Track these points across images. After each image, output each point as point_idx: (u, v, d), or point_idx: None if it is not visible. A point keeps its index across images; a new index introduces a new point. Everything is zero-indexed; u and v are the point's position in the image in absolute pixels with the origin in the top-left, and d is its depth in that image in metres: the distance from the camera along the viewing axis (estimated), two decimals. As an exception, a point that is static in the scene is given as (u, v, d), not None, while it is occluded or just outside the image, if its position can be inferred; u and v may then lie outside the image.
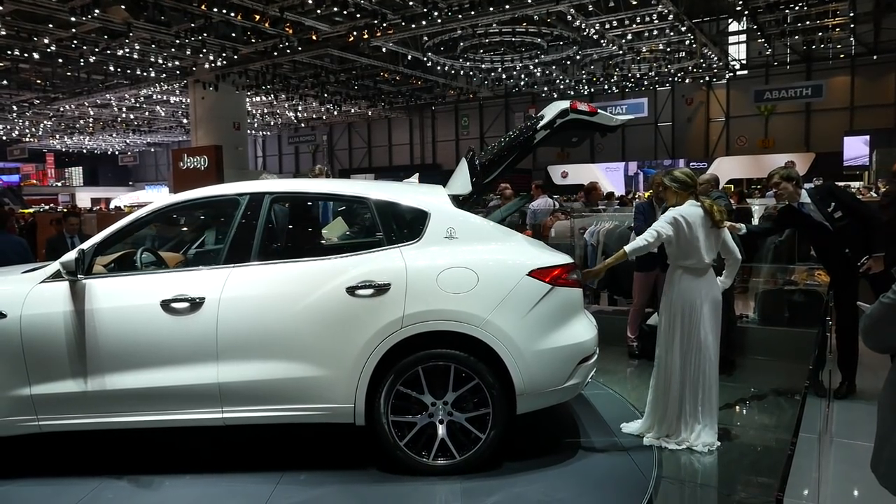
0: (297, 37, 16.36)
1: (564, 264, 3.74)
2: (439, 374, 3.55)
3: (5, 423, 3.53)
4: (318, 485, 3.57)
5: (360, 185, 4.25)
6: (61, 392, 3.52)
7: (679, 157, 27.28)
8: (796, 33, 19.16)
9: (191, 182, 13.98)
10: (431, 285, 3.51)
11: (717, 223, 3.90)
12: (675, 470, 3.77)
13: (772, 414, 4.80)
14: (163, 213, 3.99)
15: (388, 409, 3.54)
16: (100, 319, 3.53)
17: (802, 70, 24.55)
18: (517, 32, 16.99)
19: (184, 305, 3.52)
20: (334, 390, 3.51)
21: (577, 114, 4.07)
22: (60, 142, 35.59)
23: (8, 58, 17.35)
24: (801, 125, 25.50)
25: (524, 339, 3.53)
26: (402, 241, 3.67)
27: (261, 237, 3.71)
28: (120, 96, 23.22)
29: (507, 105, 30.88)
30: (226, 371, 3.51)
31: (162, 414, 3.56)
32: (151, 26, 14.74)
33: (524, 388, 3.53)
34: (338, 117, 31.77)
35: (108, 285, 3.64)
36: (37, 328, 3.51)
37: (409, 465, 3.56)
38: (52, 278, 3.62)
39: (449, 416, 3.56)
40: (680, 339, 3.96)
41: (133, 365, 3.52)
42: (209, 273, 3.63)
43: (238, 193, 3.87)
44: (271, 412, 3.57)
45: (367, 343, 3.47)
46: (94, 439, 4.02)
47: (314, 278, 3.56)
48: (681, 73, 22.70)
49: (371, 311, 3.48)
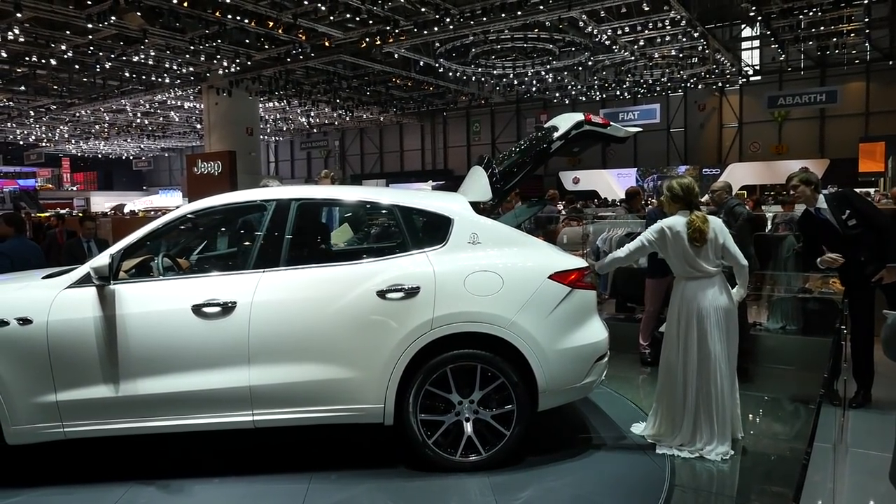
0: (310, 43, 16.47)
1: (581, 267, 3.89)
2: (465, 373, 3.66)
3: (29, 430, 3.50)
4: (351, 484, 3.63)
5: (386, 191, 4.32)
6: (89, 398, 3.50)
7: (692, 163, 27.15)
8: (810, 39, 19.02)
9: (205, 187, 14.08)
10: (459, 288, 3.64)
11: (693, 240, 3.89)
12: (688, 478, 3.74)
13: (785, 423, 4.76)
14: (189, 218, 3.99)
15: (417, 408, 3.64)
16: (130, 324, 3.53)
17: (816, 76, 24.37)
18: (529, 38, 17.00)
19: (215, 310, 3.55)
20: (365, 391, 3.60)
21: (591, 125, 4.20)
22: (76, 146, 35.98)
23: (26, 64, 17.58)
24: (815, 131, 25.31)
25: (546, 339, 3.67)
26: (428, 245, 3.79)
27: (289, 242, 3.77)
28: (135, 102, 23.44)
29: (518, 111, 30.88)
30: (257, 374, 3.55)
31: (192, 418, 3.58)
32: (166, 33, 14.89)
33: (546, 385, 3.67)
34: (350, 123, 31.90)
35: (137, 290, 3.63)
36: (64, 334, 3.50)
37: (437, 462, 3.67)
38: (79, 284, 3.60)
39: (475, 414, 3.69)
40: (689, 348, 3.95)
41: (164, 369, 3.53)
42: (239, 278, 3.67)
43: (265, 199, 3.93)
44: (302, 414, 3.63)
45: (398, 345, 3.57)
46: (113, 445, 4.00)
47: (344, 282, 3.65)
48: (693, 78, 22.60)
49: (401, 314, 3.59)
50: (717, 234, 3.97)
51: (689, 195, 4.02)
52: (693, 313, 3.93)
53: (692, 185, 4.08)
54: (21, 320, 3.48)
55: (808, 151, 24.92)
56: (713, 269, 3.97)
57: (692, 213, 3.97)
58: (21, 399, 3.46)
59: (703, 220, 3.94)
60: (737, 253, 4.04)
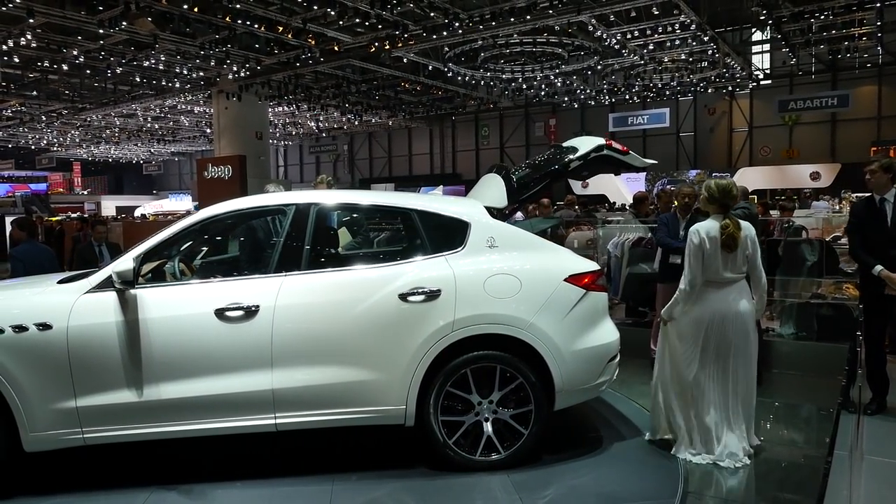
0: (319, 48, 16.52)
1: (595, 270, 4.01)
2: (484, 374, 3.73)
3: (48, 436, 3.46)
4: (375, 485, 3.65)
5: (404, 196, 4.41)
6: (110, 403, 3.48)
7: (701, 167, 27.02)
8: (821, 42, 18.90)
9: (215, 191, 14.14)
10: (479, 291, 3.72)
11: (725, 246, 3.83)
12: (701, 485, 3.70)
13: (799, 430, 4.70)
14: (209, 223, 3.97)
15: (438, 409, 3.70)
16: (153, 329, 3.52)
17: (828, 79, 24.23)
18: (538, 43, 16.97)
19: (238, 314, 3.56)
20: (387, 393, 3.64)
21: (611, 151, 4.31)
22: (87, 151, 36.25)
23: (38, 69, 17.72)
24: (826, 135, 25.14)
25: (563, 340, 3.76)
26: (447, 249, 3.86)
27: (310, 246, 3.81)
28: (145, 106, 23.59)
29: (527, 115, 30.86)
30: (280, 377, 3.57)
31: (214, 422, 3.58)
32: (177, 38, 14.98)
33: (563, 385, 3.76)
34: (359, 127, 31.97)
35: (158, 294, 3.62)
36: (85, 339, 3.47)
37: (458, 462, 3.73)
38: (99, 288, 3.57)
39: (494, 414, 3.76)
40: (708, 353, 3.92)
41: (186, 374, 3.52)
42: (261, 281, 3.68)
43: (285, 204, 3.95)
44: (324, 416, 3.65)
45: (420, 346, 3.63)
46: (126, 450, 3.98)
47: (366, 286, 3.70)
48: (703, 82, 22.51)
49: (423, 316, 3.65)
50: (749, 242, 3.92)
51: (725, 197, 3.94)
52: (716, 319, 3.88)
53: (730, 186, 3.96)
54: (40, 325, 3.44)
55: (820, 156, 24.76)
56: (739, 277, 3.93)
57: (727, 218, 3.90)
58: (40, 405, 3.41)
59: (736, 226, 3.87)
60: (761, 267, 4.01)
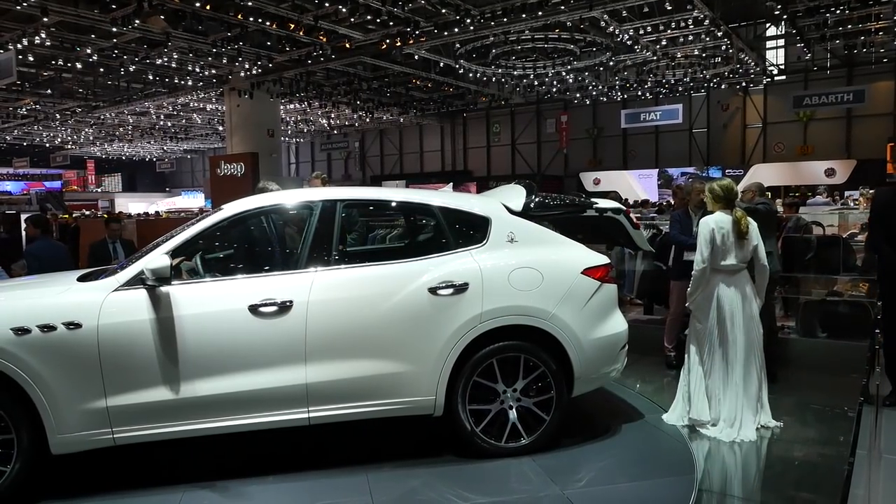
0: (330, 45, 16.52)
1: (607, 263, 4.22)
2: (508, 364, 3.90)
3: (77, 438, 3.40)
4: (409, 474, 3.73)
5: (426, 193, 4.50)
6: (143, 402, 3.45)
7: (714, 164, 26.81)
8: (837, 37, 18.65)
9: (228, 188, 14.19)
10: (504, 284, 3.88)
11: (741, 234, 4.35)
12: (716, 484, 3.67)
13: (817, 428, 4.65)
14: (237, 219, 4.00)
15: (466, 398, 3.85)
16: (187, 326, 3.50)
17: (843, 75, 23.92)
18: (550, 39, 16.88)
19: (272, 309, 3.59)
20: (418, 384, 3.76)
21: (625, 218, 4.56)
22: (101, 149, 36.51)
23: (52, 67, 17.85)
24: (841, 131, 24.84)
25: (582, 329, 3.97)
26: (470, 244, 4.02)
27: (339, 242, 3.91)
28: (158, 104, 23.72)
29: (538, 111, 30.74)
30: (314, 371, 3.62)
31: (247, 418, 3.59)
32: (189, 36, 15.03)
33: (581, 373, 3.98)
34: (370, 124, 31.99)
35: (190, 291, 3.61)
36: (117, 338, 3.43)
37: (485, 449, 3.88)
38: (128, 285, 3.54)
39: (518, 402, 3.94)
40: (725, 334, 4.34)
41: (221, 370, 3.53)
42: (292, 277, 3.72)
43: (311, 200, 4.01)
44: (356, 409, 3.72)
45: (450, 338, 3.77)
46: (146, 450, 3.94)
47: (396, 280, 3.81)
48: (716, 78, 22.30)
49: (452, 309, 3.79)
50: (753, 233, 4.44)
51: (729, 194, 4.48)
52: (730, 302, 4.35)
53: (731, 185, 4.52)
54: (69, 325, 3.38)
55: (835, 152, 24.49)
56: (743, 266, 4.42)
57: (735, 211, 4.43)
58: (68, 406, 3.35)
59: (744, 217, 4.43)
60: (764, 256, 4.48)
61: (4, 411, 3.30)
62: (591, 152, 29.93)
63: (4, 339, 3.30)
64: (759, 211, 5.56)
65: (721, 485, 3.74)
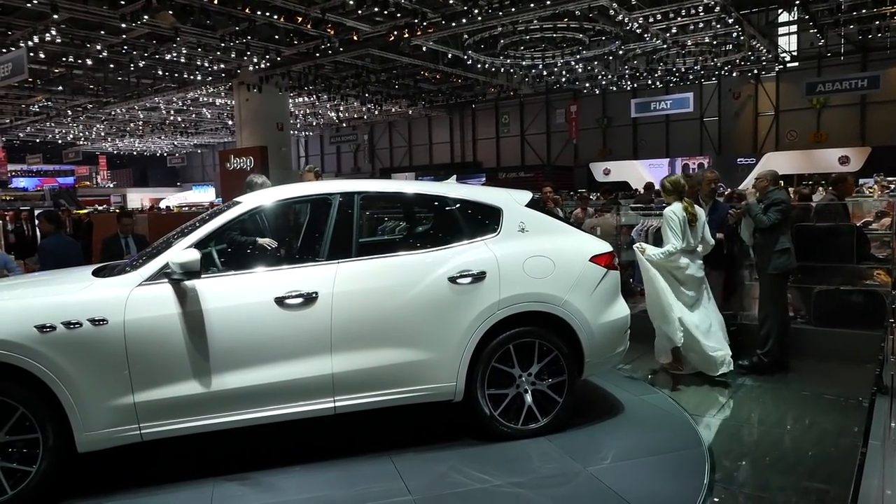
0: (338, 37, 16.48)
1: (610, 251, 4.39)
2: (523, 349, 4.02)
3: (103, 435, 3.36)
4: (434, 458, 3.82)
5: (441, 185, 4.60)
6: (170, 397, 3.43)
7: (726, 152, 26.59)
8: (851, 22, 18.39)
9: (238, 182, 14.21)
10: (519, 272, 4.01)
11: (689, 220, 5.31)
12: (729, 476, 3.66)
13: (830, 418, 4.61)
14: (258, 211, 4.07)
15: (484, 384, 3.96)
16: (215, 319, 3.51)
17: (857, 61, 23.60)
18: (558, 28, 16.75)
19: (298, 301, 3.62)
20: (439, 371, 3.86)
21: None
22: (112, 144, 36.74)
23: (63, 64, 17.96)
24: (856, 118, 24.53)
25: (591, 314, 4.12)
26: (484, 234, 4.13)
27: (359, 233, 3.98)
28: (168, 99, 23.79)
29: (547, 102, 30.59)
30: (340, 361, 3.67)
31: (274, 409, 3.61)
32: (198, 30, 15.05)
33: (591, 356, 4.14)
34: (378, 117, 31.95)
35: (216, 284, 3.60)
36: (144, 333, 3.40)
37: (504, 432, 4.01)
38: (152, 280, 3.51)
39: (532, 386, 4.07)
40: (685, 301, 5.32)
41: (248, 363, 3.55)
42: (316, 269, 3.77)
43: (329, 193, 4.07)
44: (380, 397, 3.78)
45: (469, 325, 3.88)
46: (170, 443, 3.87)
47: (416, 270, 3.89)
48: (728, 66, 22.05)
49: (471, 297, 3.90)
50: (700, 218, 5.42)
51: (676, 188, 5.45)
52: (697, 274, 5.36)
53: (678, 179, 5.54)
54: (94, 321, 3.34)
55: (849, 139, 24.19)
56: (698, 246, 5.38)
57: (683, 202, 5.36)
58: (95, 403, 3.32)
59: (691, 205, 5.38)
60: (708, 236, 5.47)
61: (30, 410, 3.26)
62: (601, 142, 29.77)
63: (29, 337, 3.24)
64: (774, 203, 5.49)
65: (734, 466, 3.73)
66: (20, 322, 3.27)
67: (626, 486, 3.43)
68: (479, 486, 3.51)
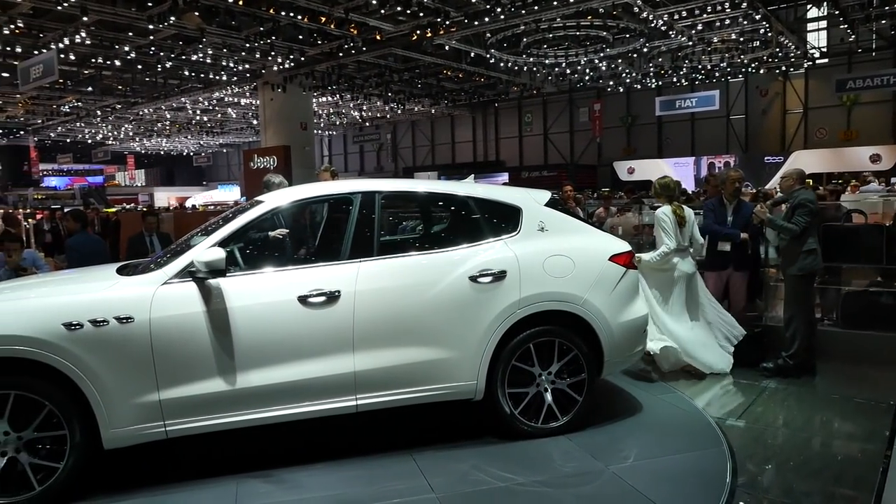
0: (361, 37, 16.56)
1: (630, 250, 4.41)
2: (543, 348, 4.04)
3: (129, 432, 3.40)
4: (456, 456, 3.82)
5: (461, 184, 4.59)
6: (196, 394, 3.46)
7: (753, 151, 26.17)
8: (883, 17, 17.97)
9: (261, 182, 14.36)
10: (539, 271, 4.02)
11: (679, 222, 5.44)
12: (752, 479, 3.60)
13: (857, 422, 4.52)
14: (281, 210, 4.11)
15: (505, 382, 3.97)
16: (239, 318, 3.53)
17: (889, 56, 23.05)
18: (582, 26, 16.63)
19: (321, 299, 3.64)
20: (461, 369, 3.87)
21: None
22: (140, 144, 37.36)
23: (92, 65, 18.30)
24: (887, 115, 23.97)
25: (611, 314, 4.13)
26: (504, 234, 4.15)
27: (380, 232, 3.99)
28: (194, 99, 24.12)
29: (571, 100, 30.40)
30: (362, 360, 3.69)
31: (298, 407, 3.65)
32: (223, 31, 15.22)
33: (610, 355, 4.15)
34: (401, 116, 32.05)
35: (240, 283, 3.62)
36: (169, 331, 3.42)
37: (525, 430, 4.02)
38: (177, 278, 3.53)
39: (552, 384, 4.08)
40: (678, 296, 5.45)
41: (272, 361, 3.58)
42: (338, 268, 3.79)
43: (350, 192, 4.08)
44: (402, 395, 3.81)
45: (490, 324, 3.89)
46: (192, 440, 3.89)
47: (438, 269, 3.91)
48: (755, 63, 21.69)
49: (492, 296, 3.91)
50: (689, 219, 5.53)
51: (665, 190, 5.59)
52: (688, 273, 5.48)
53: (669, 181, 5.65)
54: (121, 319, 3.37)
55: (881, 137, 23.66)
56: (689, 246, 5.52)
57: (672, 203, 5.52)
58: (121, 400, 3.35)
59: (680, 208, 5.52)
60: (697, 235, 5.63)
61: (57, 407, 3.30)
62: (624, 141, 29.50)
63: (56, 334, 3.27)
64: (800, 204, 5.36)
65: (757, 470, 3.67)
66: (48, 320, 3.30)
67: (648, 486, 3.41)
68: (502, 484, 3.51)
